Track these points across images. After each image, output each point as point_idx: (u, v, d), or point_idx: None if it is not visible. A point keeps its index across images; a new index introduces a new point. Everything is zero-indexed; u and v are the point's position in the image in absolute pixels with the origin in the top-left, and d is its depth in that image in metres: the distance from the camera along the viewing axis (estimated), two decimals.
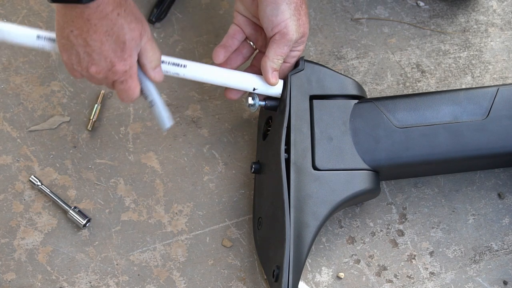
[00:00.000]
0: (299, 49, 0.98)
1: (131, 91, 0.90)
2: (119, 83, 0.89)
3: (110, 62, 0.86)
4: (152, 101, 0.93)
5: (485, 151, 0.97)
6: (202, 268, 1.00)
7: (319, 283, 1.00)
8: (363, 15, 1.16)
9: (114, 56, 0.86)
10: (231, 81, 0.97)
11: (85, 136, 1.06)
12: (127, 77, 0.89)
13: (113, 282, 0.99)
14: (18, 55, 1.10)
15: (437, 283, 1.00)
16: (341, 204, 0.95)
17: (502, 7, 1.17)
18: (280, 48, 0.95)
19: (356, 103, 0.98)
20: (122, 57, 0.86)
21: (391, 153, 0.96)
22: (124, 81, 0.89)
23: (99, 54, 0.85)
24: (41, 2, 1.13)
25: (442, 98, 0.99)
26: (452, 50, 1.14)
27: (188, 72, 0.95)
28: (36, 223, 1.01)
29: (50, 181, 1.03)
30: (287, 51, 0.95)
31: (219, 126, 1.08)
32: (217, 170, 1.05)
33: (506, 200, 1.05)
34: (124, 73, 0.88)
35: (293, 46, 0.96)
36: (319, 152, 0.95)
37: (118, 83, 0.89)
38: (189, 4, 1.15)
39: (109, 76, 0.88)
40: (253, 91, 0.97)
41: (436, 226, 1.03)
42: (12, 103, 1.07)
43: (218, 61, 0.98)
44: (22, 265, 0.99)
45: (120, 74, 0.88)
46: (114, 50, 0.86)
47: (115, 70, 0.87)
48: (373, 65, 1.12)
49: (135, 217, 1.02)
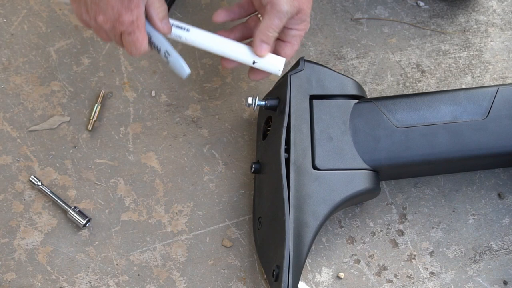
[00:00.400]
0: (298, 28, 0.94)
1: (139, 43, 0.90)
2: (126, 35, 0.89)
3: (117, 12, 0.86)
4: (166, 51, 0.92)
5: (485, 151, 0.97)
6: (202, 268, 1.00)
7: (319, 283, 1.00)
8: (363, 15, 1.16)
9: (121, 6, 0.86)
10: (231, 51, 0.95)
11: (85, 136, 1.06)
12: (134, 28, 0.88)
13: (113, 282, 0.99)
14: (18, 55, 1.10)
15: (437, 283, 1.00)
16: (341, 204, 0.95)
17: (502, 7, 1.17)
18: (271, 19, 0.92)
19: (356, 103, 0.98)
20: (128, 7, 0.87)
21: (391, 153, 0.96)
22: (131, 32, 0.89)
23: (105, 4, 0.86)
24: (41, 2, 1.13)
25: (442, 98, 0.99)
26: (452, 50, 1.14)
27: (190, 36, 0.94)
28: (36, 223, 1.01)
29: (50, 181, 1.04)
30: (278, 23, 0.92)
31: (219, 126, 1.08)
32: (217, 170, 1.05)
33: (506, 200, 1.05)
34: (131, 24, 0.88)
35: (291, 23, 0.93)
36: (319, 152, 0.96)
37: (125, 35, 0.89)
38: (189, 4, 1.15)
39: (116, 26, 0.88)
40: (253, 64, 0.96)
41: (436, 226, 1.03)
42: (12, 103, 1.07)
43: (216, 20, 0.97)
44: (22, 265, 0.99)
45: (127, 25, 0.88)
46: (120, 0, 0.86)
47: (122, 21, 0.87)
48: (373, 65, 1.12)
49: (135, 217, 1.02)
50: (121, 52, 1.10)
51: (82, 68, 1.10)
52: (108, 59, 1.10)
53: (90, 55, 1.10)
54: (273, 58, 0.95)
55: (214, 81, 1.10)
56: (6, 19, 1.12)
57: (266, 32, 0.93)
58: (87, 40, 1.11)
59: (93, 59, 1.10)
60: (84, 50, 1.10)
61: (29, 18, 1.12)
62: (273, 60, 0.95)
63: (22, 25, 1.12)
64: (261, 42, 0.93)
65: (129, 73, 1.10)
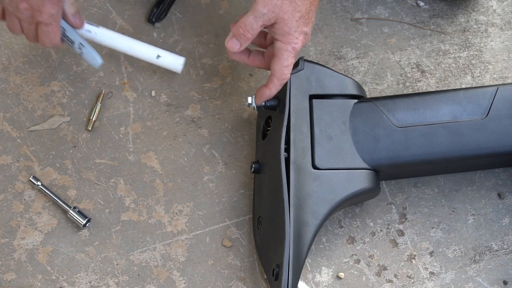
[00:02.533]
0: (283, 40, 0.94)
1: (53, 35, 0.96)
2: (43, 25, 0.94)
3: (41, 2, 0.91)
4: (81, 43, 1.00)
5: (484, 150, 0.97)
6: (202, 268, 1.00)
7: (319, 283, 1.00)
8: (363, 15, 1.16)
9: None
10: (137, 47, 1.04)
11: (85, 136, 1.06)
12: (52, 20, 0.94)
13: (113, 282, 0.99)
14: (18, 55, 1.10)
15: (437, 283, 1.00)
16: (341, 203, 0.95)
17: (502, 7, 1.17)
18: (247, 16, 0.93)
19: (356, 103, 0.98)
20: (52, 1, 0.92)
21: (391, 152, 0.96)
22: (49, 24, 0.94)
23: None
24: None
25: (442, 97, 0.99)
26: (452, 50, 1.14)
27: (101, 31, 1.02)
28: (36, 223, 1.01)
29: (50, 181, 1.04)
30: (251, 21, 0.92)
31: (219, 126, 1.08)
32: (217, 170, 1.05)
33: (506, 200, 1.05)
34: (50, 16, 0.93)
35: (274, 32, 0.94)
36: (319, 152, 0.96)
37: (42, 25, 0.94)
38: (189, 4, 1.15)
39: (35, 15, 0.92)
40: (157, 58, 1.04)
41: (436, 226, 1.03)
42: (12, 103, 1.08)
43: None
44: (22, 265, 0.99)
45: (47, 16, 0.93)
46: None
47: (43, 11, 0.92)
48: (373, 65, 1.12)
49: (135, 217, 1.02)
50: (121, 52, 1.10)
51: (82, 68, 1.10)
52: (108, 59, 1.10)
53: None
54: (175, 56, 1.05)
55: (214, 81, 1.10)
56: None
57: (239, 27, 0.94)
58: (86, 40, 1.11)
59: None
60: None
61: None
62: (174, 57, 1.05)
63: None
64: (231, 35, 0.95)
65: (129, 73, 1.10)
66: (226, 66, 1.11)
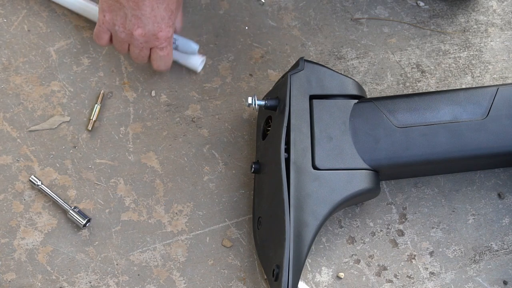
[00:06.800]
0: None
1: (169, 58, 0.97)
2: (159, 50, 0.94)
3: (158, 27, 0.91)
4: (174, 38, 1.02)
5: (484, 150, 0.97)
6: (202, 268, 1.00)
7: (319, 283, 1.00)
8: (363, 15, 1.16)
9: (162, 22, 0.91)
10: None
11: (85, 136, 1.06)
12: (167, 43, 0.94)
13: (113, 282, 0.99)
14: (18, 55, 1.10)
15: (437, 283, 1.00)
16: (341, 204, 0.95)
17: (502, 7, 1.17)
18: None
19: (356, 103, 0.98)
20: (168, 24, 0.92)
21: (391, 152, 0.96)
22: (164, 47, 0.94)
23: (148, 19, 0.90)
24: (41, 2, 1.13)
25: (442, 98, 0.99)
26: (452, 50, 1.14)
27: None
28: (36, 223, 1.01)
29: (50, 181, 1.04)
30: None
31: (219, 126, 1.08)
32: (217, 170, 1.05)
33: (506, 200, 1.05)
34: (166, 39, 0.93)
35: None
36: (319, 152, 0.96)
37: (158, 50, 0.94)
38: (189, 4, 1.15)
39: (150, 41, 0.93)
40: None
41: (436, 226, 1.03)
42: (12, 103, 1.08)
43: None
44: (22, 265, 0.99)
45: (162, 40, 0.93)
46: (162, 17, 0.91)
47: (159, 36, 0.92)
48: (373, 65, 1.12)
49: (135, 217, 1.02)
50: None
51: (82, 68, 1.10)
52: (108, 59, 1.10)
53: (90, 55, 1.10)
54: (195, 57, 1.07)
55: (214, 81, 1.10)
56: (6, 19, 1.12)
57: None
58: (87, 40, 1.11)
59: (93, 59, 1.10)
60: (84, 50, 1.11)
61: (29, 18, 1.12)
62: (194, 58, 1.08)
63: (22, 25, 1.12)
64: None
65: (129, 73, 1.10)
66: (226, 66, 1.11)
